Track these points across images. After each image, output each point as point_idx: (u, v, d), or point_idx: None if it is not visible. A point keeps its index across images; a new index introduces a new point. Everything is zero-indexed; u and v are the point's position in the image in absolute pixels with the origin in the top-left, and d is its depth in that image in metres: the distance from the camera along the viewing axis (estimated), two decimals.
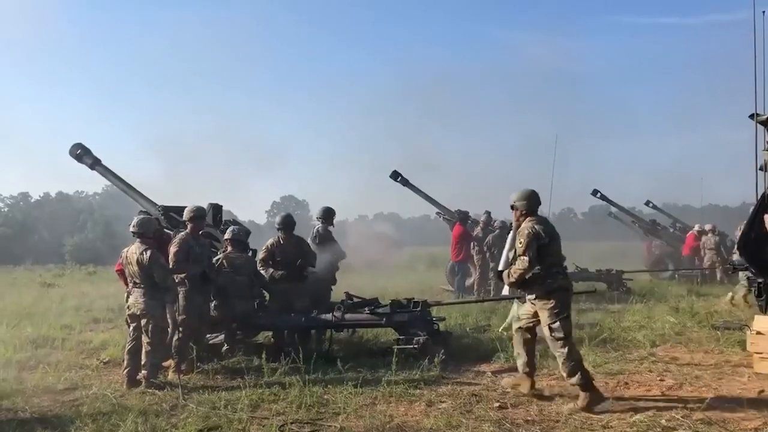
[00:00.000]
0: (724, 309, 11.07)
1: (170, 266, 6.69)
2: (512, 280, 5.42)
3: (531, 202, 5.55)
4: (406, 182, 15.77)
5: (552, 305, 5.31)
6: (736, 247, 8.37)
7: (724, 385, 5.96)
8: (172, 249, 6.86)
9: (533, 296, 5.46)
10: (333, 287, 8.76)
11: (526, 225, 5.41)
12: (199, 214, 7.19)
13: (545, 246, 5.34)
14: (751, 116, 6.63)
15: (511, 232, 5.69)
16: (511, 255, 5.56)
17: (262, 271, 7.83)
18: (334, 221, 9.28)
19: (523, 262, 5.30)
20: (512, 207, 5.62)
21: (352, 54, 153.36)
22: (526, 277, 5.32)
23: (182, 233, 7.04)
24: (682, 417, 4.91)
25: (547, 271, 5.36)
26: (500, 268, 5.70)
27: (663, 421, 4.81)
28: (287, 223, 8.11)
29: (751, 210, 6.67)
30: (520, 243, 5.34)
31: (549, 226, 5.48)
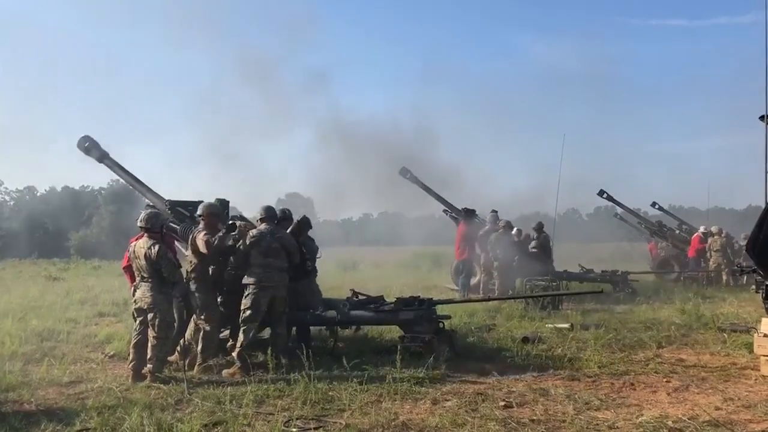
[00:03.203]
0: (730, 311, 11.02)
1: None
2: None
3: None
4: (414, 179, 15.76)
5: None
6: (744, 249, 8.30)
7: (730, 388, 5.92)
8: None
9: None
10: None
11: None
12: (269, 214, 7.21)
13: None
14: (761, 117, 6.57)
15: None
16: None
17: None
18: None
19: None
20: None
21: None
22: None
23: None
24: (688, 419, 4.88)
25: None
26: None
27: (670, 423, 4.78)
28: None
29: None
30: None
31: None
